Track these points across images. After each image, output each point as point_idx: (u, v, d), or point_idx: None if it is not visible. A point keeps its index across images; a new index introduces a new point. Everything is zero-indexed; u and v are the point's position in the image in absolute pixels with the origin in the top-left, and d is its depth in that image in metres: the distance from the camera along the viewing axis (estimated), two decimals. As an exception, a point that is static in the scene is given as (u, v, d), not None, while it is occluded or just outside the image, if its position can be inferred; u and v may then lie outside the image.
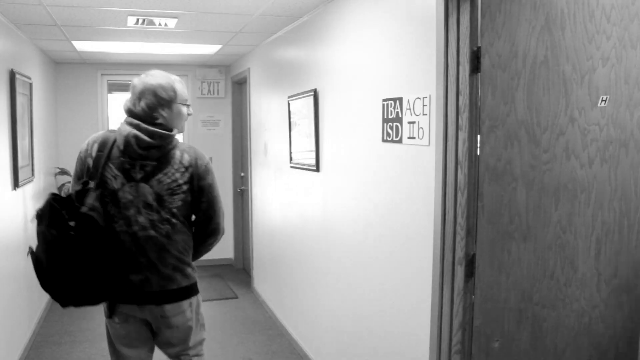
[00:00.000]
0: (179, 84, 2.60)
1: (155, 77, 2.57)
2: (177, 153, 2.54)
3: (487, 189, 2.27)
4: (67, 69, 6.84)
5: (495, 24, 2.21)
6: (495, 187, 2.27)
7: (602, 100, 2.25)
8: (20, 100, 4.41)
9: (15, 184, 4.24)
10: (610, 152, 2.28)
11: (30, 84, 4.91)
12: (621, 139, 2.29)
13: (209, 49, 5.83)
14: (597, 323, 2.37)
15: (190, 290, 2.74)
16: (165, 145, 2.49)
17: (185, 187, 2.53)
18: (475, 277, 2.31)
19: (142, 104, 2.48)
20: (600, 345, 2.38)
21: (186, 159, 2.54)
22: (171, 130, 2.53)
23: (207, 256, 7.28)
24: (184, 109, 2.61)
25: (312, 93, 3.94)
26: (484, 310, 2.33)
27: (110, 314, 2.68)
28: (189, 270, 2.69)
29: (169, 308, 2.61)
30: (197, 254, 2.78)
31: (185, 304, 2.69)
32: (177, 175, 2.51)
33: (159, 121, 2.50)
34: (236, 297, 5.98)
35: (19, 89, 4.40)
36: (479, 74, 2.27)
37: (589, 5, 2.22)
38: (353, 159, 3.36)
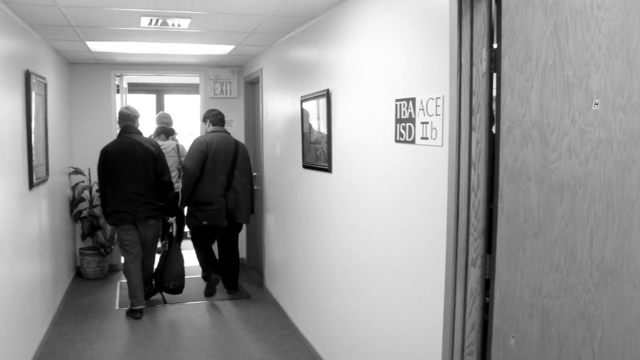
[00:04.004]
0: None
1: None
2: None
3: (506, 189, 2.32)
4: (81, 69, 6.89)
5: (514, 25, 2.26)
6: (513, 187, 2.33)
7: (595, 104, 2.39)
8: (35, 100, 4.45)
9: (31, 184, 4.28)
10: (600, 151, 2.42)
11: (45, 84, 4.96)
12: (608, 139, 2.42)
13: (222, 49, 5.85)
14: (590, 306, 2.49)
15: None
16: None
17: None
18: (495, 278, 2.35)
19: None
20: (591, 326, 2.51)
21: None
22: None
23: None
24: None
25: (325, 93, 3.94)
26: (501, 310, 2.37)
27: None
28: None
29: None
30: None
31: None
32: None
33: None
34: (248, 297, 6.00)
35: (34, 89, 4.44)
36: (495, 74, 2.30)
37: (586, 16, 2.33)
38: (365, 160, 3.36)
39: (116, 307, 5.64)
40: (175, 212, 5.67)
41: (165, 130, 6.95)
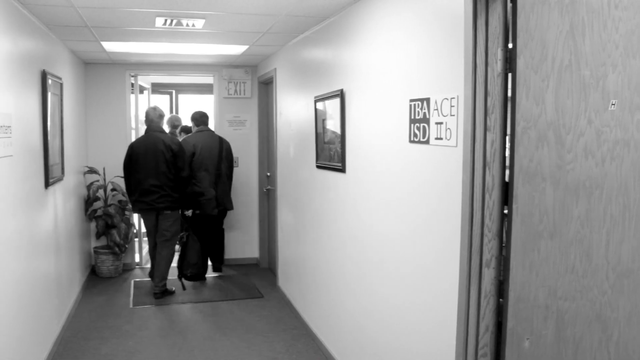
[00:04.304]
0: None
1: None
2: None
3: (521, 190, 2.31)
4: (96, 69, 6.94)
5: (529, 25, 2.24)
6: (528, 188, 2.31)
7: (611, 104, 2.36)
8: (51, 100, 4.49)
9: (47, 182, 4.32)
10: (617, 152, 2.39)
11: (61, 84, 5.00)
12: (625, 139, 2.40)
13: (236, 50, 5.86)
14: (606, 308, 2.46)
15: None
16: None
17: None
18: (509, 280, 2.34)
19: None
20: (607, 328, 2.48)
21: None
22: None
23: (233, 255, 7.44)
24: None
25: (339, 93, 3.94)
26: (516, 311, 2.35)
27: None
28: None
29: None
30: None
31: None
32: None
33: None
34: (262, 297, 6.01)
35: (50, 89, 4.48)
36: (510, 74, 2.29)
37: (603, 15, 2.31)
38: (379, 160, 3.35)
39: (130, 305, 5.68)
40: (191, 205, 6.21)
41: (186, 129, 7.35)
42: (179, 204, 5.92)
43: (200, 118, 6.60)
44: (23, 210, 3.68)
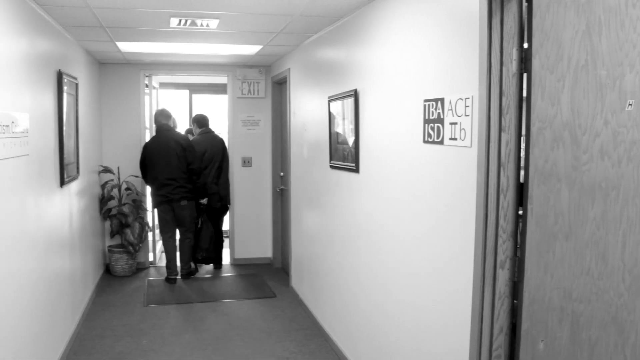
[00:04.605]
0: None
1: None
2: None
3: (536, 191, 2.29)
4: (111, 69, 6.99)
5: (545, 25, 2.23)
6: (543, 189, 2.30)
7: (629, 105, 2.33)
8: (67, 99, 4.52)
9: (62, 181, 4.35)
10: (634, 152, 2.35)
11: (77, 84, 5.04)
12: None
13: (250, 50, 5.88)
14: (622, 311, 2.43)
15: None
16: None
17: None
18: (523, 281, 2.33)
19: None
20: (623, 331, 2.45)
21: None
22: None
23: (246, 255, 7.47)
24: None
25: (353, 93, 3.94)
26: (530, 313, 2.34)
27: None
28: None
29: None
30: None
31: None
32: None
33: None
34: (274, 296, 6.02)
35: (66, 89, 4.52)
36: (525, 74, 2.28)
37: (620, 14, 2.27)
38: (393, 160, 3.35)
39: (144, 304, 5.71)
40: (205, 195, 6.63)
41: (189, 131, 7.58)
42: (193, 194, 6.45)
43: (202, 120, 7.01)
44: (39, 209, 3.72)
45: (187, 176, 6.34)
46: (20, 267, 3.30)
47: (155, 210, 6.72)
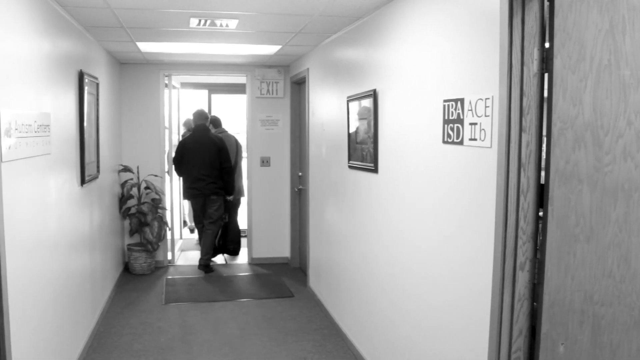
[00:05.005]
0: None
1: None
2: None
3: (557, 192, 2.27)
4: (131, 69, 7.05)
5: (567, 24, 2.20)
6: (564, 190, 2.27)
7: None
8: (87, 99, 4.57)
9: (82, 180, 4.40)
10: None
11: (97, 84, 5.09)
12: None
13: (269, 50, 5.89)
14: None
15: None
16: None
17: None
18: (543, 283, 2.30)
19: None
20: None
21: None
22: None
23: (264, 255, 7.53)
24: None
25: (372, 93, 3.93)
26: (550, 315, 2.32)
27: None
28: None
29: None
30: None
31: None
32: None
33: None
34: (292, 296, 6.03)
35: (87, 89, 4.56)
36: (547, 74, 2.25)
37: None
38: (412, 161, 3.33)
39: (162, 302, 5.75)
40: (232, 192, 7.12)
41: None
42: (222, 190, 6.94)
43: (217, 121, 7.66)
44: (60, 208, 3.76)
45: (219, 173, 6.86)
46: (43, 266, 3.34)
47: (187, 202, 7.47)
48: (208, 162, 6.78)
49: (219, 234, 7.44)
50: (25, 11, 3.09)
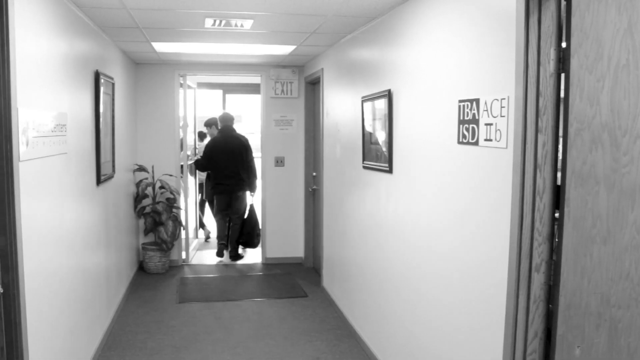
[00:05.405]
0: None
1: None
2: None
3: (573, 193, 2.24)
4: (146, 69, 7.09)
5: (584, 23, 2.18)
6: (580, 191, 2.25)
7: None
8: (103, 99, 4.60)
9: (98, 180, 4.43)
10: None
11: (113, 84, 5.12)
12: None
13: (283, 50, 5.90)
14: None
15: None
16: None
17: None
18: (559, 285, 2.28)
19: None
20: None
21: None
22: None
23: (278, 254, 7.55)
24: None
25: (386, 94, 3.92)
26: (566, 318, 2.30)
27: None
28: None
29: None
30: None
31: None
32: None
33: None
34: (306, 296, 6.03)
35: (103, 89, 4.59)
36: (563, 74, 2.23)
37: None
38: (427, 161, 3.32)
39: (176, 301, 5.77)
40: (254, 188, 7.74)
41: (201, 134, 8.62)
42: (247, 187, 7.60)
43: (232, 120, 8.00)
44: (76, 206, 3.79)
45: (245, 172, 7.49)
46: (59, 264, 3.36)
47: (213, 197, 7.89)
48: (238, 161, 7.40)
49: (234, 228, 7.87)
50: (43, 12, 3.11)
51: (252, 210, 7.77)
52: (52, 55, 3.29)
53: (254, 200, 7.93)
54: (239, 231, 7.62)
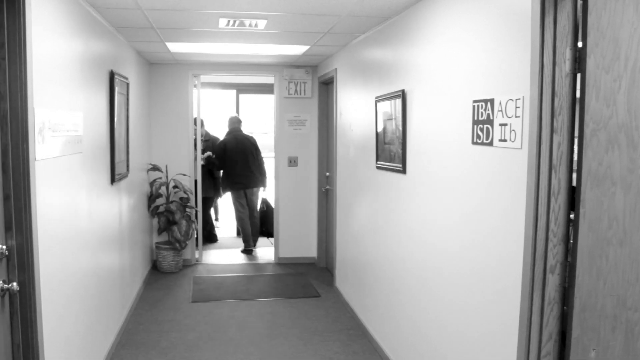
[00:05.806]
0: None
1: None
2: None
3: (589, 194, 2.22)
4: (160, 70, 7.12)
5: (601, 23, 2.16)
6: (596, 192, 2.23)
7: None
8: (118, 99, 4.63)
9: (112, 179, 4.46)
10: None
11: (127, 84, 5.15)
12: None
13: (297, 50, 5.90)
14: None
15: None
16: None
17: None
18: (574, 287, 2.26)
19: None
20: None
21: None
22: None
23: (291, 254, 7.56)
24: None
25: (400, 94, 3.91)
26: (581, 320, 2.28)
27: None
28: None
29: None
30: None
31: None
32: None
33: None
34: (318, 296, 6.03)
35: (117, 89, 4.62)
36: (579, 74, 2.21)
37: None
38: (441, 161, 3.31)
39: (190, 300, 5.80)
40: (266, 184, 8.29)
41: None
42: (260, 183, 8.13)
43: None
44: (90, 205, 3.81)
45: (258, 169, 8.03)
46: (74, 263, 3.39)
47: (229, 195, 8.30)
48: (251, 160, 7.93)
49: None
50: (59, 12, 3.14)
51: (267, 203, 8.47)
52: (68, 55, 3.32)
53: (265, 194, 8.56)
54: (259, 223, 8.30)
